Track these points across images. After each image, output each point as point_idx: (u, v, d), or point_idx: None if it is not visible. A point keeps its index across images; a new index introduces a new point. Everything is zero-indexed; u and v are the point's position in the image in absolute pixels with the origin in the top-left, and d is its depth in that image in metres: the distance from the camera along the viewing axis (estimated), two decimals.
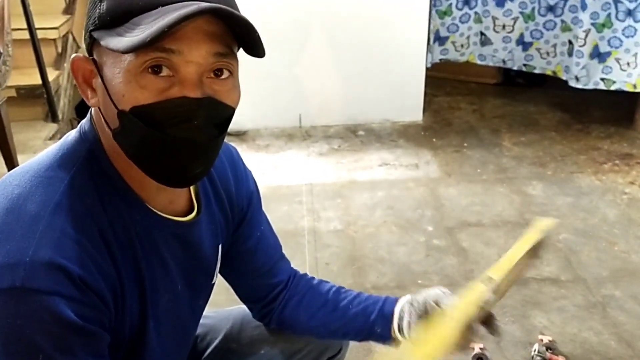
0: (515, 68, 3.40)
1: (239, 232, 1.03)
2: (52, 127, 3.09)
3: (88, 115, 0.83)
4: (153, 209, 0.83)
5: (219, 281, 1.10)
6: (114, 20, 0.72)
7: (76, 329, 0.71)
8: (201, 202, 0.91)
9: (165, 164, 0.76)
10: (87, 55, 0.78)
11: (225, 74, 0.76)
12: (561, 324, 1.86)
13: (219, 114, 0.76)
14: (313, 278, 1.14)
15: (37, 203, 0.73)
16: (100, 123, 0.79)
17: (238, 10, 0.75)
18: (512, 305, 1.94)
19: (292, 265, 1.15)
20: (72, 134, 0.83)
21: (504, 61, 3.40)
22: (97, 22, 0.73)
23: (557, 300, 1.96)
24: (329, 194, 2.65)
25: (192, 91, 0.72)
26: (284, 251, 1.14)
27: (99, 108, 0.78)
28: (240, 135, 3.21)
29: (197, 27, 0.71)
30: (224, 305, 1.24)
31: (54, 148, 0.81)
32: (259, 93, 3.18)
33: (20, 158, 2.52)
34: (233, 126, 3.43)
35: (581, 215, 2.44)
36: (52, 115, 3.20)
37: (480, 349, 1.73)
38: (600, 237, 2.29)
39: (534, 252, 0.98)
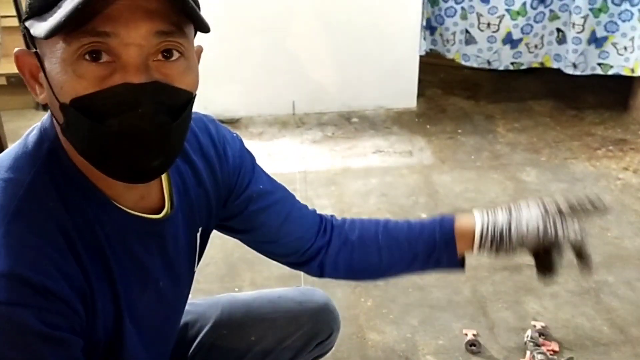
0: (501, 68, 3.24)
1: (243, 195, 0.99)
2: (43, 116, 3.07)
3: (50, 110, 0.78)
4: (123, 208, 0.78)
5: (212, 269, 1.09)
6: (43, 5, 0.65)
7: (44, 338, 0.68)
8: (173, 195, 0.86)
9: (115, 158, 0.70)
10: (28, 48, 0.71)
11: (175, 55, 0.69)
12: (554, 310, 1.86)
13: (170, 99, 0.69)
14: (354, 219, 1.08)
15: None
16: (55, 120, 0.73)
17: None
18: (504, 292, 1.94)
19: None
20: (33, 132, 0.78)
21: (488, 62, 3.23)
22: (28, 9, 0.67)
23: (550, 286, 1.96)
24: (323, 181, 2.64)
25: (135, 76, 0.66)
26: None
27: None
28: (233, 122, 3.19)
29: (133, 5, 0.64)
30: (216, 294, 1.24)
31: (14, 147, 0.77)
32: (252, 80, 3.15)
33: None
34: (226, 113, 3.38)
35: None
36: (43, 104, 3.17)
37: (474, 335, 1.73)
38: (593, 223, 2.29)
39: None
